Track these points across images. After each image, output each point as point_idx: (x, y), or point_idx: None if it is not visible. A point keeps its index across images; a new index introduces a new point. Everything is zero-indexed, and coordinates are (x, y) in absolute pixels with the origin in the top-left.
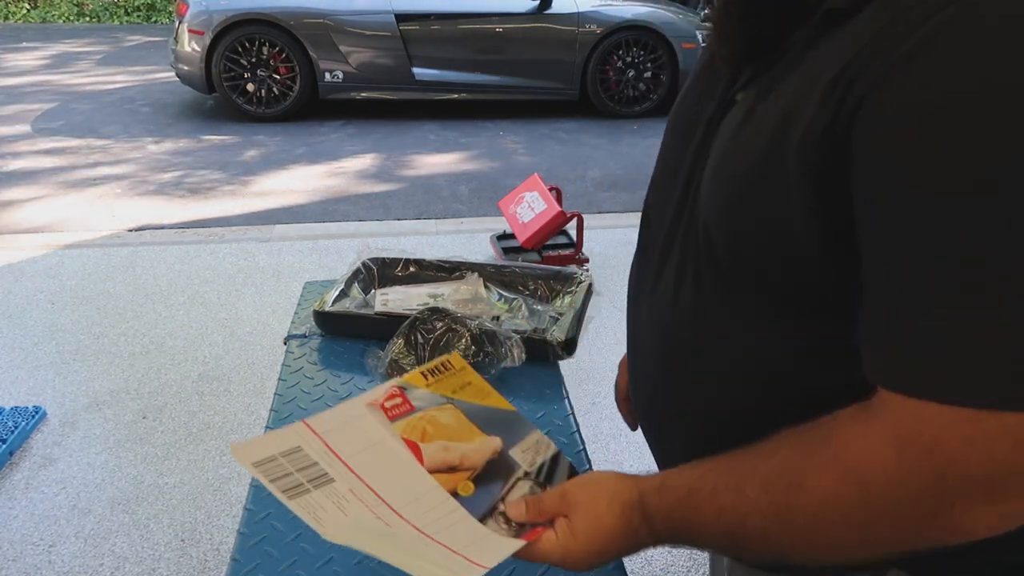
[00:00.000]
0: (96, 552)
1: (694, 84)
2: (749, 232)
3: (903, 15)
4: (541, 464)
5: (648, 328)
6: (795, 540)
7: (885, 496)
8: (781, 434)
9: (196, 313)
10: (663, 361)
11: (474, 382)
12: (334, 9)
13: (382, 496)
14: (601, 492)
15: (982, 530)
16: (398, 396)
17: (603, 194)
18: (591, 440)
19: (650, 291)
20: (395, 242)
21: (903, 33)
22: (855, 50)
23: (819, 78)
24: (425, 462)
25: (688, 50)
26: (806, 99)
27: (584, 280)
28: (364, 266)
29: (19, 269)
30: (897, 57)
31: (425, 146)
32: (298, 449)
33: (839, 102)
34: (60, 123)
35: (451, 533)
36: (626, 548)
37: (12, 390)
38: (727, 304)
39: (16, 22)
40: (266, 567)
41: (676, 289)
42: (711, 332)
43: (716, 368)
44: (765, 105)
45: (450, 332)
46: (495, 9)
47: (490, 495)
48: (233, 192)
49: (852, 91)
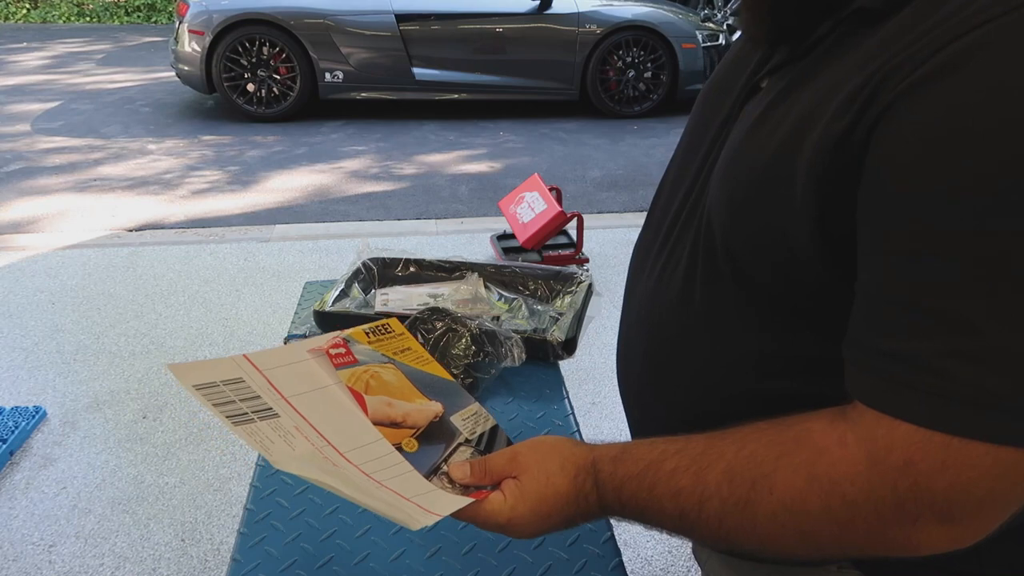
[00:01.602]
0: (96, 552)
1: (725, 68)
2: (749, 234)
3: (932, 30)
4: (481, 434)
5: (637, 309)
6: (749, 533)
7: (847, 512)
8: (752, 426)
9: (196, 313)
10: (647, 344)
11: (414, 348)
12: (334, 9)
13: (328, 439)
14: (553, 454)
15: (928, 549)
16: (342, 347)
17: (603, 194)
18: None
19: (647, 270)
20: (395, 242)
21: (929, 51)
22: (881, 60)
23: (839, 86)
24: (369, 414)
25: (688, 50)
26: (825, 106)
27: (584, 280)
28: (364, 266)
29: (19, 269)
30: (921, 75)
31: (425, 146)
32: (240, 380)
33: (859, 113)
34: (60, 123)
35: (400, 482)
36: (573, 514)
37: (12, 390)
38: (714, 295)
39: (16, 22)
40: (266, 567)
41: (670, 272)
42: (695, 320)
43: (696, 356)
44: (784, 107)
45: (450, 332)
46: (495, 9)
47: (434, 454)
48: (233, 192)
49: (873, 104)
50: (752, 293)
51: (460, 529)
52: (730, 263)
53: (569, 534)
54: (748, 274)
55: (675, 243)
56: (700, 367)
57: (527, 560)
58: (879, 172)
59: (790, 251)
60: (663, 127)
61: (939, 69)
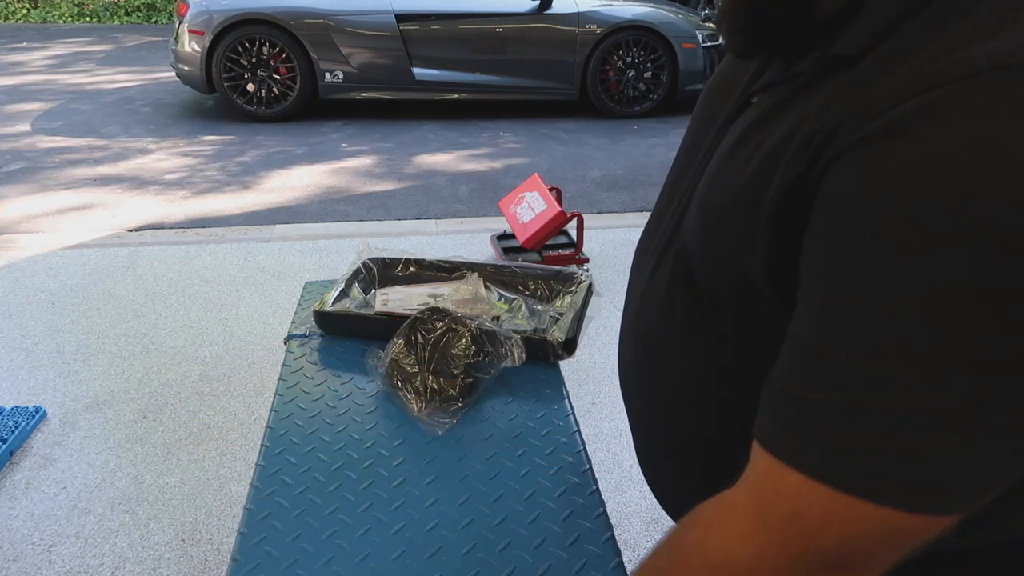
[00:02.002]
0: (96, 552)
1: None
2: (717, 259)
3: (890, 85)
4: None
5: (632, 310)
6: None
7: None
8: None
9: (196, 313)
10: (635, 344)
11: None
12: (334, 9)
13: None
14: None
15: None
16: None
17: (603, 194)
18: (591, 440)
19: (640, 271)
20: (395, 242)
21: (881, 106)
22: (839, 107)
23: (804, 124)
24: None
25: (688, 50)
26: (788, 142)
27: (584, 280)
28: (364, 266)
29: (19, 269)
30: (869, 131)
31: (425, 146)
32: None
33: (813, 158)
34: (60, 123)
35: None
36: None
37: (12, 390)
38: (690, 308)
39: (16, 22)
40: (266, 567)
41: (658, 278)
42: (674, 329)
43: (675, 364)
44: (762, 135)
45: (450, 332)
46: (495, 9)
47: None
48: (233, 192)
49: (826, 149)
50: (723, 314)
51: (460, 529)
52: (703, 281)
53: (569, 534)
54: (717, 298)
55: (664, 249)
56: (677, 374)
57: (527, 560)
58: (817, 220)
59: (752, 285)
60: (663, 127)
61: (886, 128)
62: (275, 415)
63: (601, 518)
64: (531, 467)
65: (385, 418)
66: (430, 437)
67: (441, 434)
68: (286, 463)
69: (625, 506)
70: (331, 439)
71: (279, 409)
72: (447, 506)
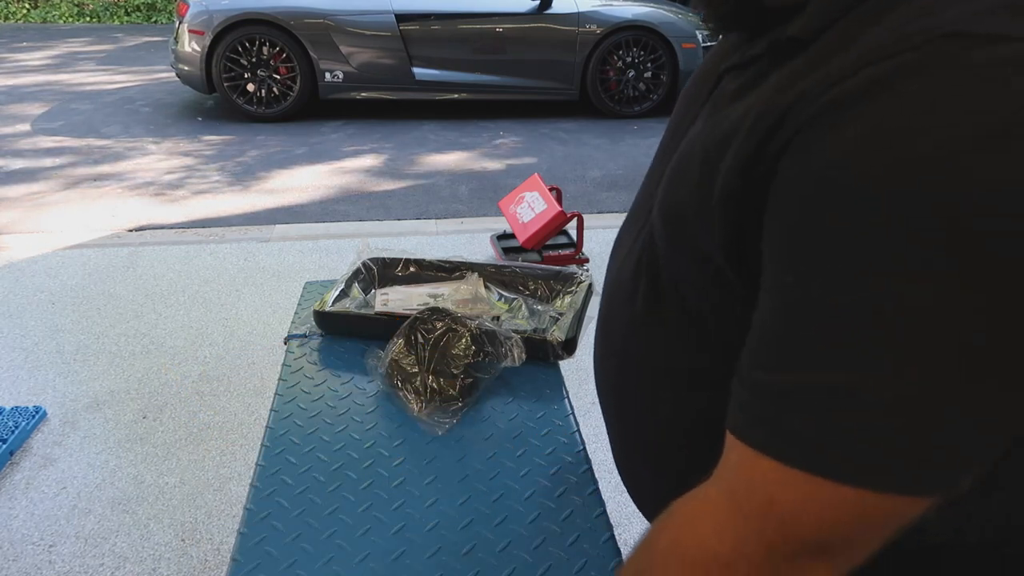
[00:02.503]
0: (96, 552)
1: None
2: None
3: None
4: None
5: (604, 299)
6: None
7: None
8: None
9: (196, 313)
10: (600, 334)
11: None
12: (334, 9)
13: None
14: None
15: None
16: None
17: (603, 194)
18: (591, 440)
19: (613, 258)
20: (395, 242)
21: (830, 83)
22: (793, 88)
23: (755, 106)
24: None
25: (688, 50)
26: (740, 125)
27: (584, 280)
28: (364, 266)
29: (19, 269)
30: (819, 109)
31: (425, 146)
32: None
33: (765, 136)
34: (60, 123)
35: None
36: None
37: (12, 390)
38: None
39: (16, 22)
40: (266, 567)
41: (628, 268)
42: (635, 320)
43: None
44: (717, 119)
45: (450, 332)
46: (495, 9)
47: None
48: (233, 192)
49: (780, 130)
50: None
51: (460, 529)
52: (667, 271)
53: (569, 534)
54: (683, 297)
55: (635, 239)
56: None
57: (527, 560)
58: (772, 202)
59: (715, 271)
60: (663, 127)
61: (837, 103)
62: (275, 415)
63: (601, 518)
64: (531, 467)
65: (385, 418)
66: (430, 437)
67: (441, 434)
68: (286, 463)
69: (625, 506)
70: (331, 439)
71: (279, 409)
72: (447, 506)
